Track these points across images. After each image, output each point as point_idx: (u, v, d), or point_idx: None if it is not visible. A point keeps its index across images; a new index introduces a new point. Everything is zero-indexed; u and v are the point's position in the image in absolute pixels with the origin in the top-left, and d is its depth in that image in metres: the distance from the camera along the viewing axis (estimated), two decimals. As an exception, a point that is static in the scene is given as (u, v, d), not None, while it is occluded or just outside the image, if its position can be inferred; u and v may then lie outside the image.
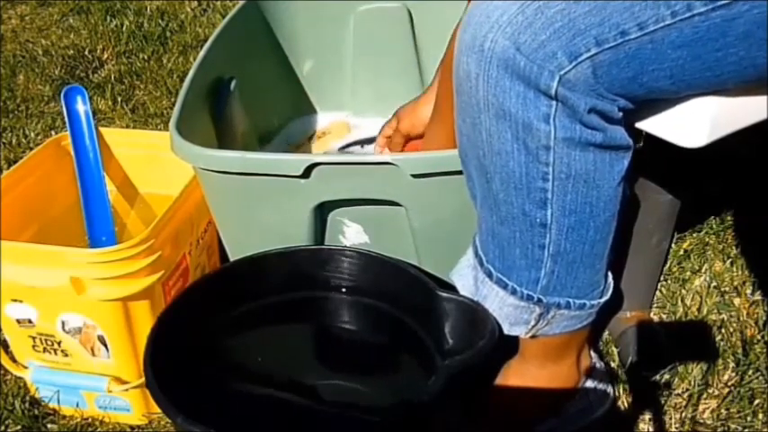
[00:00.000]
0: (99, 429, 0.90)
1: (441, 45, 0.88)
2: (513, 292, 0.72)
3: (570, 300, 0.72)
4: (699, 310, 1.00)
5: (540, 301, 0.72)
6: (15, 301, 0.84)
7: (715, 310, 1.00)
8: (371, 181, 0.79)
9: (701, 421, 0.86)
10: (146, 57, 1.76)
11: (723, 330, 0.96)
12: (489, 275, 0.73)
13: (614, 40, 0.58)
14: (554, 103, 0.61)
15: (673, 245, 1.07)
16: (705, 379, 0.90)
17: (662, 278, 1.04)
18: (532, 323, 0.74)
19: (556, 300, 0.72)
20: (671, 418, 0.86)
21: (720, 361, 0.92)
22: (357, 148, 1.19)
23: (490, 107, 0.63)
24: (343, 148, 1.20)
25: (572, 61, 0.59)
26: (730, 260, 1.08)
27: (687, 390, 0.89)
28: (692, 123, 0.66)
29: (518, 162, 0.64)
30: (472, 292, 0.76)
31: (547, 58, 0.59)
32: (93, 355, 0.86)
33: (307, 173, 0.78)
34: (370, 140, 1.19)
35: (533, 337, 0.76)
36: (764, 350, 0.93)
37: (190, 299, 0.79)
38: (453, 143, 0.72)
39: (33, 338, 0.87)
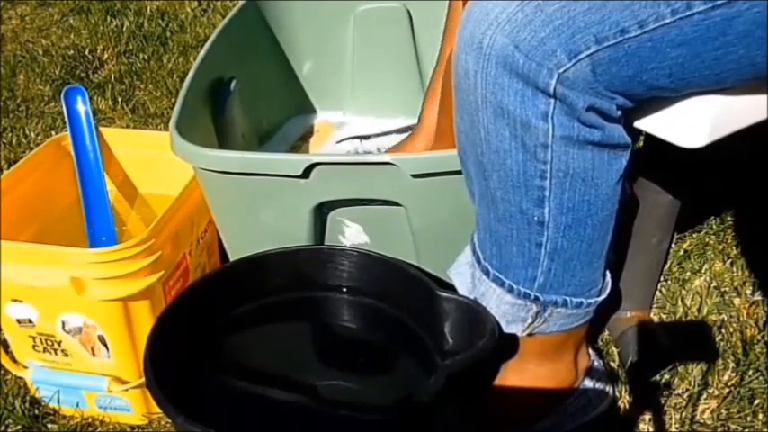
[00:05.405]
0: (99, 429, 0.90)
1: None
2: (510, 290, 0.72)
3: (567, 298, 0.72)
4: (699, 310, 1.00)
5: (536, 298, 0.72)
6: (15, 301, 0.84)
7: (715, 310, 1.00)
8: (371, 181, 0.79)
9: (701, 421, 0.86)
10: (146, 57, 1.76)
11: (723, 330, 0.96)
12: (486, 273, 0.73)
13: (614, 38, 0.59)
14: (552, 100, 0.61)
15: (673, 245, 1.07)
16: (705, 379, 0.90)
17: (662, 278, 1.04)
18: (529, 321, 0.74)
19: (553, 298, 0.72)
20: (671, 418, 0.86)
21: (720, 361, 0.92)
22: (356, 141, 1.19)
23: (488, 105, 0.63)
24: (342, 141, 1.20)
25: (571, 59, 0.59)
26: (730, 260, 1.08)
27: (687, 390, 0.89)
28: (692, 123, 0.66)
29: (516, 160, 0.64)
30: (470, 289, 0.76)
31: (546, 56, 0.59)
32: (94, 355, 0.86)
33: (306, 173, 0.78)
34: (370, 136, 1.19)
35: (531, 335, 0.76)
36: (764, 350, 0.93)
37: (190, 299, 0.79)
38: None
39: (33, 338, 0.87)
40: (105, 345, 0.84)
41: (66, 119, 1.02)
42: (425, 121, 0.98)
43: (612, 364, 0.92)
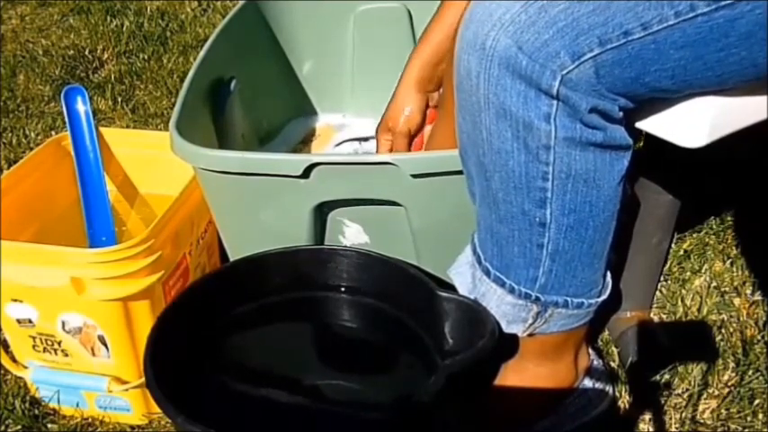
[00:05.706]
0: (99, 429, 0.90)
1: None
2: (511, 291, 0.72)
3: (568, 298, 0.72)
4: (699, 310, 1.00)
5: (537, 299, 0.72)
6: (15, 301, 0.84)
7: (715, 310, 1.00)
8: (371, 181, 0.79)
9: (701, 421, 0.86)
10: (146, 57, 1.76)
11: (723, 330, 0.96)
12: (487, 273, 0.73)
13: (617, 40, 0.59)
14: (555, 102, 0.61)
15: (673, 245, 1.07)
16: (705, 379, 0.90)
17: (662, 278, 1.04)
18: (530, 321, 0.74)
19: (553, 298, 0.72)
20: (671, 418, 0.86)
21: (720, 361, 0.92)
22: (356, 143, 1.19)
23: (491, 106, 0.63)
24: (341, 143, 1.20)
25: (575, 61, 0.59)
26: (730, 260, 1.08)
27: (687, 390, 0.89)
28: (692, 123, 0.66)
29: (518, 161, 0.64)
30: (470, 289, 0.76)
31: (549, 58, 0.59)
32: (94, 355, 0.86)
33: (306, 173, 0.78)
34: (369, 138, 1.19)
35: (531, 335, 0.76)
36: (764, 350, 0.93)
37: (190, 299, 0.79)
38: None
39: (33, 338, 0.87)
40: (105, 345, 0.84)
41: (66, 119, 1.02)
42: (412, 71, 0.95)
43: (612, 364, 0.93)
